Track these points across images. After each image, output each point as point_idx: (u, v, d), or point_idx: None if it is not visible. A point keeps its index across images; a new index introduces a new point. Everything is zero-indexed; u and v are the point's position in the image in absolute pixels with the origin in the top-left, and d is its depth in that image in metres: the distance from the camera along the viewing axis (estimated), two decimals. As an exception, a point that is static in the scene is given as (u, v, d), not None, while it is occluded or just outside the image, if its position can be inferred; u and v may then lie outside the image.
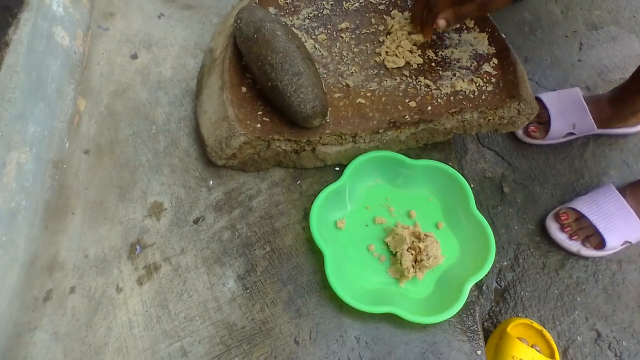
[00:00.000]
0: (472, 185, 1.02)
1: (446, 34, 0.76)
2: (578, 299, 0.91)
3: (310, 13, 0.77)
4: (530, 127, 1.07)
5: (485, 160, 1.06)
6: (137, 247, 0.64)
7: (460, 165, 1.05)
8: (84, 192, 0.67)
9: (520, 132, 1.09)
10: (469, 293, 0.60)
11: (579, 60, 1.22)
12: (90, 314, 0.59)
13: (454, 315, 0.58)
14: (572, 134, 1.06)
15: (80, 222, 0.65)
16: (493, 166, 1.06)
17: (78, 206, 0.66)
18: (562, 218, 0.95)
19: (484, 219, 0.64)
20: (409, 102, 0.69)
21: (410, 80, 0.71)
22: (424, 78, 0.71)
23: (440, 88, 0.71)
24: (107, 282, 0.61)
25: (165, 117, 0.75)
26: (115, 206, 0.67)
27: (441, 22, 0.65)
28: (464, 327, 0.61)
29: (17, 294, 0.58)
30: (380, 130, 0.67)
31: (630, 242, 0.92)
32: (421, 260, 0.61)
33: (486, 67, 0.73)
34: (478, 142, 1.09)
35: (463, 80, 0.72)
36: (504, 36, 0.75)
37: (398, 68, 0.72)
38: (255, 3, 0.75)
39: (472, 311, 0.62)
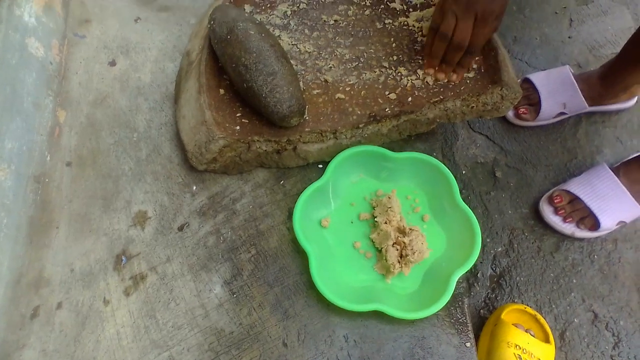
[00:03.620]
0: (464, 172, 1.02)
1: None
2: (574, 280, 0.90)
3: (287, 8, 0.76)
4: (521, 109, 1.05)
5: (476, 146, 1.05)
6: (123, 258, 0.64)
7: (451, 152, 1.03)
8: (67, 205, 0.67)
9: (510, 115, 1.07)
10: (456, 285, 0.60)
11: (569, 37, 1.19)
12: (78, 329, 0.59)
13: (441, 309, 0.58)
14: (563, 113, 1.04)
15: (65, 236, 0.65)
16: (485, 151, 1.05)
17: (62, 219, 0.66)
18: (555, 201, 0.94)
19: (469, 209, 0.64)
20: (389, 94, 0.68)
21: (390, 72, 0.70)
22: (404, 68, 0.70)
23: (421, 77, 0.70)
24: (94, 295, 0.61)
25: (146, 124, 0.74)
26: (99, 217, 0.67)
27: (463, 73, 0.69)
28: (452, 320, 0.60)
29: (3, 313, 0.58)
30: (361, 125, 0.66)
31: (625, 222, 0.90)
32: (406, 255, 0.60)
33: (467, 54, 0.72)
34: (469, 127, 1.07)
35: (444, 68, 0.70)
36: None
37: (377, 60, 0.71)
38: (230, 2, 0.74)
39: (460, 303, 0.62)
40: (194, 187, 0.69)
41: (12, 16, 0.68)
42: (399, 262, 0.61)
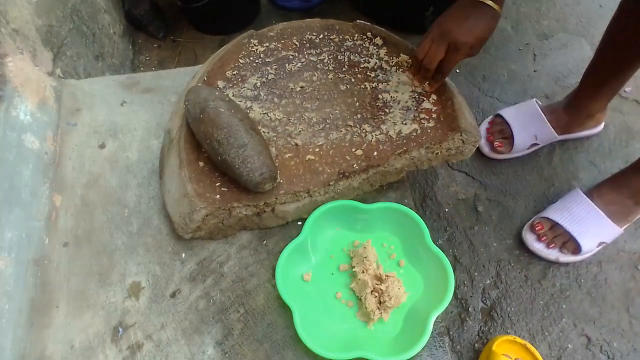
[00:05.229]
0: (446, 209, 1.06)
1: (385, 77, 0.81)
2: (564, 306, 0.92)
3: (257, 80, 0.83)
4: (496, 143, 1.10)
5: (456, 183, 1.09)
6: (120, 329, 0.68)
7: (433, 192, 1.08)
8: (66, 284, 0.72)
9: (487, 150, 1.12)
10: (437, 325, 0.63)
11: (534, 71, 1.26)
12: (79, 403, 0.62)
13: (421, 351, 0.61)
14: (536, 144, 1.09)
15: (65, 314, 0.69)
16: (465, 187, 1.09)
17: (61, 298, 0.70)
18: (537, 228, 0.97)
19: (440, 250, 0.67)
20: (355, 150, 0.73)
21: (355, 129, 0.76)
22: (368, 125, 0.76)
23: (384, 132, 0.75)
24: (93, 369, 0.65)
25: (136, 199, 0.80)
26: (96, 292, 0.71)
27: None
28: (434, 360, 0.63)
29: (9, 395, 0.62)
30: (332, 183, 0.71)
31: (605, 242, 0.93)
32: (384, 302, 0.64)
33: (426, 104, 0.77)
34: (448, 166, 1.12)
35: (405, 120, 0.76)
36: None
37: (343, 119, 0.77)
38: (205, 80, 0.81)
39: (441, 343, 0.64)
40: (183, 255, 0.74)
41: (9, 117, 0.75)
42: (378, 308, 0.65)
